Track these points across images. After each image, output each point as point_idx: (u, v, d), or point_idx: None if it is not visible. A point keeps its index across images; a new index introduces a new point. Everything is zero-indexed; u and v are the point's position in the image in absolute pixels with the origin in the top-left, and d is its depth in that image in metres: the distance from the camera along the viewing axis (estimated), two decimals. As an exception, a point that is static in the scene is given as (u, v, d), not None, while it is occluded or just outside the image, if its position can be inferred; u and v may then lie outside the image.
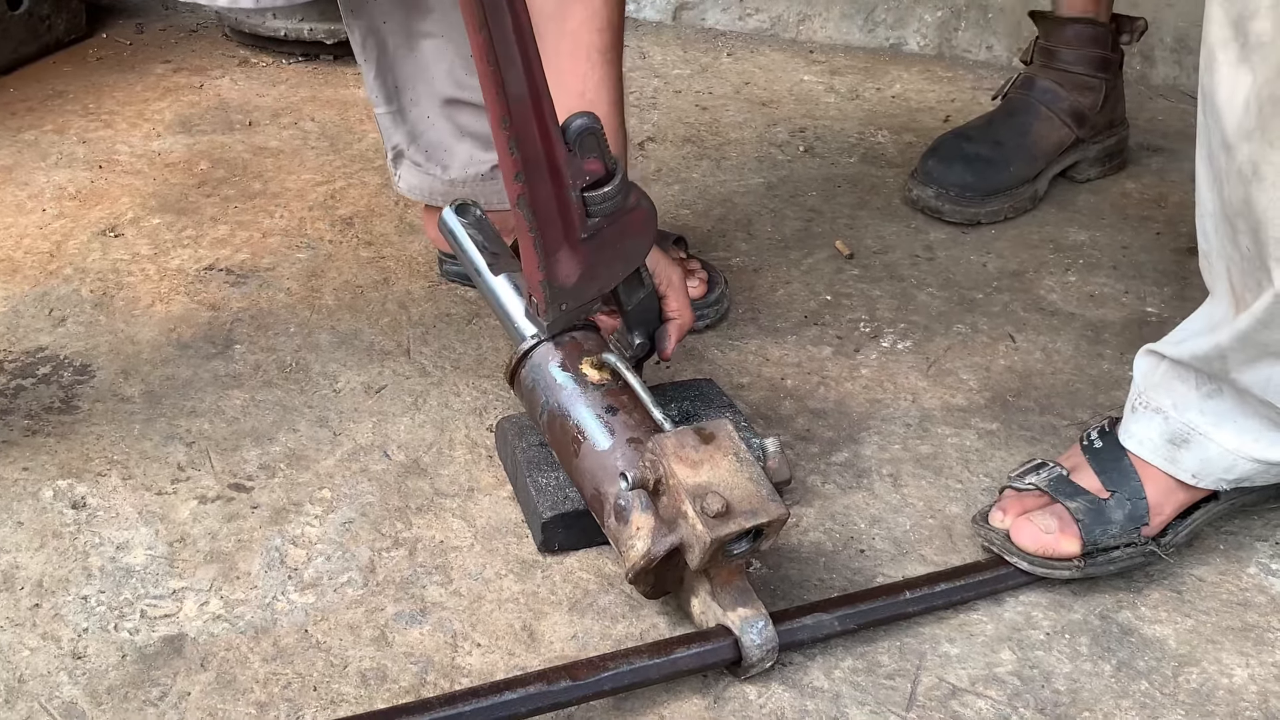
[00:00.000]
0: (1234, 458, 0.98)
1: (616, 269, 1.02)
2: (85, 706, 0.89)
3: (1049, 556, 0.99)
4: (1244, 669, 0.96)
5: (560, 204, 0.93)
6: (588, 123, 0.91)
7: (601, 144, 0.93)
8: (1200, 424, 0.98)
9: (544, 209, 0.92)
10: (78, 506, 1.07)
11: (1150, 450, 1.01)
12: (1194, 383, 0.98)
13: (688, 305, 1.12)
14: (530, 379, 1.05)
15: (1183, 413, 0.99)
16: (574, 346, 1.04)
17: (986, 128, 1.62)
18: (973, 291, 1.45)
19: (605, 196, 0.94)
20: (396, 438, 1.17)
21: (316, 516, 1.07)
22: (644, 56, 2.13)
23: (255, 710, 0.89)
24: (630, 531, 0.92)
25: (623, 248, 1.00)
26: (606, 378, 1.02)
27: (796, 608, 0.96)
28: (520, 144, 0.88)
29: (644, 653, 0.90)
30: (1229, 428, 0.97)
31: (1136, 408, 1.02)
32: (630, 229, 0.99)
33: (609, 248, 0.98)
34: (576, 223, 0.94)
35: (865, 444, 1.19)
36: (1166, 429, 1.00)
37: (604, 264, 0.99)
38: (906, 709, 0.91)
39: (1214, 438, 0.98)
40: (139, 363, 1.25)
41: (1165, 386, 1.00)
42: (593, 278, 0.98)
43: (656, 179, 1.70)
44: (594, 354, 1.03)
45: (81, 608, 0.97)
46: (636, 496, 0.92)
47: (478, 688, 0.87)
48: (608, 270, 1.00)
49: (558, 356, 1.03)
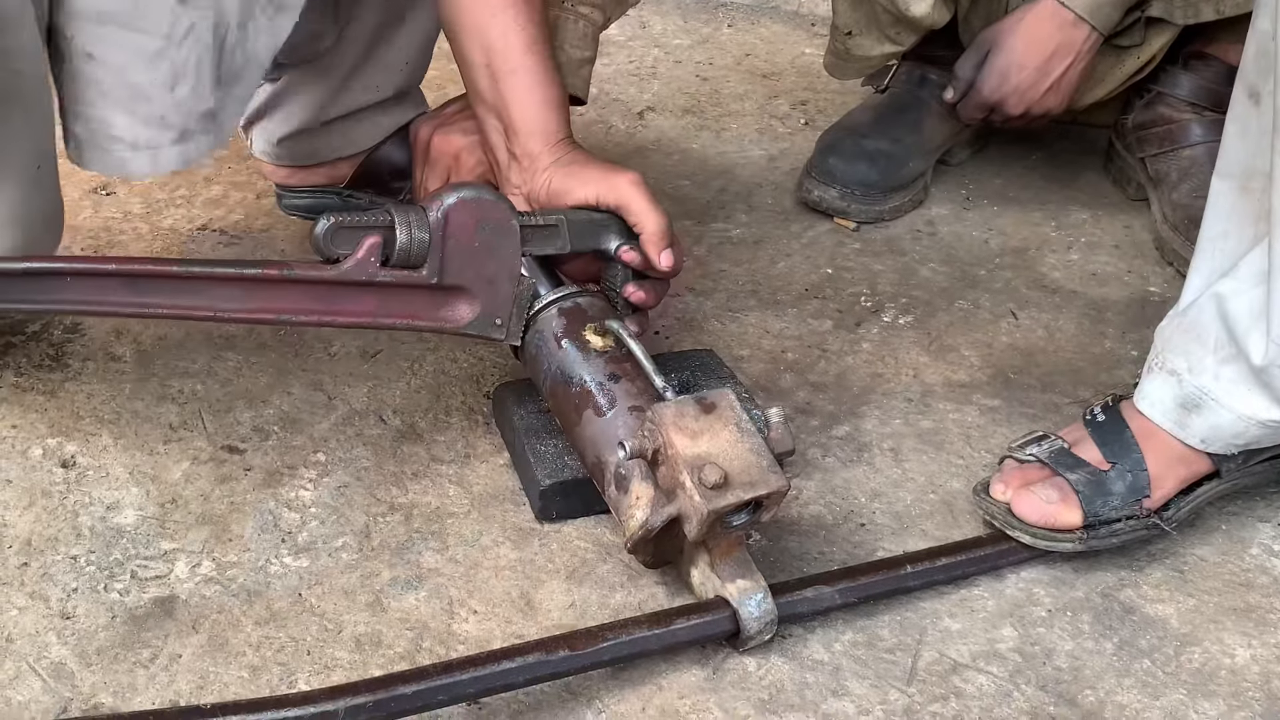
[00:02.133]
0: (1245, 423, 0.97)
1: (510, 257, 1.01)
2: (74, 667, 0.87)
3: (1050, 528, 0.98)
4: (1246, 649, 0.95)
5: (393, 299, 0.97)
6: (325, 227, 0.94)
7: (358, 225, 0.95)
8: (1214, 389, 0.97)
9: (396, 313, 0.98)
10: (67, 465, 1.05)
11: (1161, 413, 1.00)
12: (1211, 345, 0.97)
13: (652, 209, 1.06)
14: (534, 346, 1.03)
15: (1197, 376, 0.98)
16: (578, 312, 1.03)
17: (878, 124, 1.57)
18: (975, 268, 1.43)
19: (402, 253, 0.96)
20: (392, 402, 1.15)
21: (311, 480, 1.05)
22: (644, 26, 2.10)
23: (248, 674, 0.88)
24: (630, 501, 0.91)
25: (491, 243, 0.99)
26: (610, 344, 1.01)
27: (796, 580, 0.95)
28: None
29: (642, 624, 0.89)
30: (1242, 393, 0.97)
31: (1153, 368, 1.02)
32: (472, 225, 0.98)
33: (480, 254, 0.99)
34: (419, 284, 0.97)
35: (866, 418, 1.18)
36: (1180, 392, 0.99)
37: (489, 268, 0.99)
38: (907, 683, 0.91)
39: (1226, 404, 0.97)
40: (130, 322, 1.23)
41: (1182, 348, 0.99)
42: (491, 281, 1.00)
43: (656, 149, 1.68)
44: (598, 320, 1.02)
45: (71, 567, 0.95)
46: (636, 466, 0.91)
47: (475, 656, 0.85)
48: (502, 265, 1.00)
49: (561, 323, 1.02)
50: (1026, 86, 1.44)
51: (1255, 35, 0.95)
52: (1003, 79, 1.44)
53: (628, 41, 2.03)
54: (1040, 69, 1.42)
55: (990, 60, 1.44)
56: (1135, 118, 1.56)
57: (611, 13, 1.23)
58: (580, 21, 1.18)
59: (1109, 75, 1.49)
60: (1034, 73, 1.43)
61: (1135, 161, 1.57)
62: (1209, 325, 0.98)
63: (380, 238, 0.95)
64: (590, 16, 1.18)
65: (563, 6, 1.17)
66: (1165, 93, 1.53)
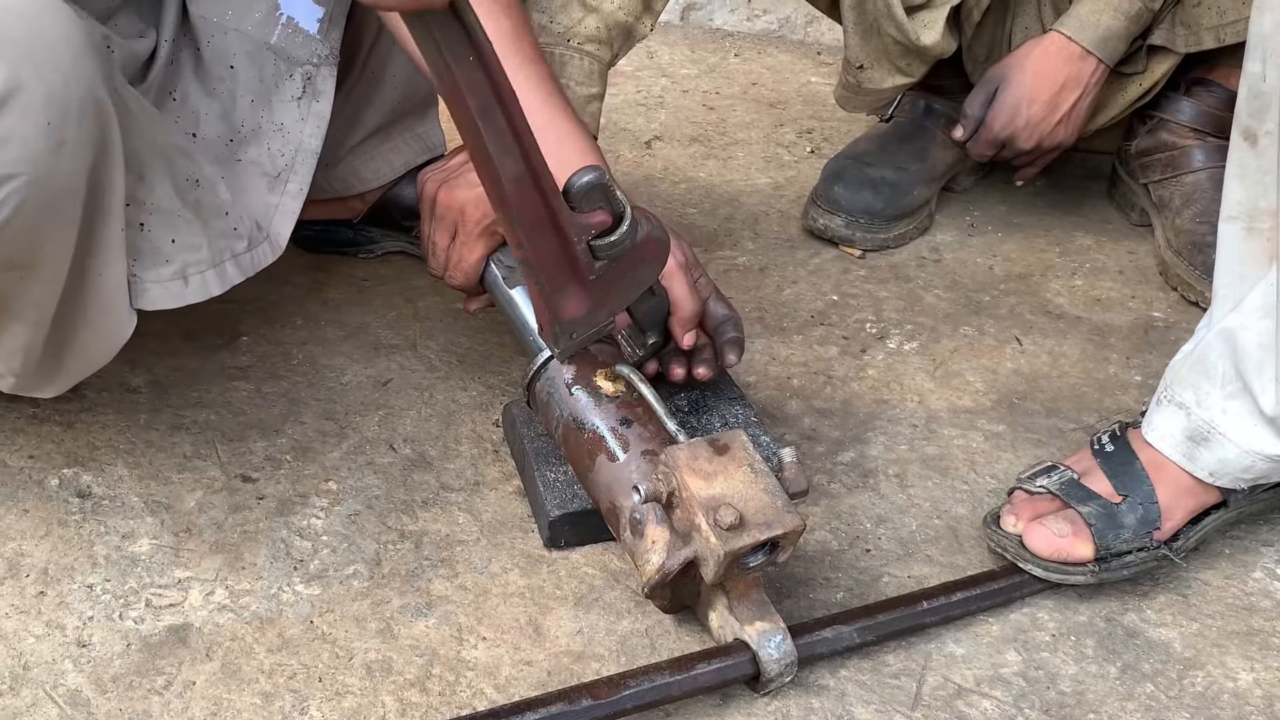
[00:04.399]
0: (1252, 457, 0.98)
1: (628, 293, 1.00)
2: (90, 694, 0.89)
3: (1063, 561, 0.99)
4: (1249, 673, 0.96)
5: (567, 256, 0.92)
6: (592, 179, 0.90)
7: (609, 195, 0.92)
8: (1221, 423, 0.98)
9: (549, 263, 0.92)
10: (83, 495, 1.06)
11: (1170, 445, 1.01)
12: (1219, 380, 0.98)
13: (689, 293, 1.07)
14: (545, 393, 1.04)
15: (1205, 410, 0.99)
16: (588, 359, 1.04)
17: (883, 152, 1.58)
18: (979, 294, 1.45)
19: (612, 244, 0.93)
20: (403, 431, 1.17)
21: (322, 508, 1.07)
22: (651, 56, 2.13)
23: (260, 700, 0.89)
24: (646, 545, 0.91)
25: (634, 275, 0.99)
26: (621, 389, 1.01)
27: (815, 620, 0.95)
28: (522, 218, 0.88)
29: (664, 669, 0.89)
30: (1249, 427, 0.97)
31: (1161, 400, 1.03)
32: (642, 258, 0.97)
33: (620, 278, 0.97)
34: (584, 269, 0.94)
35: (871, 444, 1.19)
36: (1188, 425, 1.00)
37: (615, 292, 0.98)
38: (912, 708, 0.91)
39: (1233, 438, 0.98)
40: (145, 353, 1.25)
41: (1190, 381, 1.00)
42: (601, 306, 0.98)
43: (663, 178, 1.70)
44: (608, 365, 1.03)
45: (87, 596, 0.97)
46: (651, 510, 0.91)
47: (497, 709, 0.86)
48: (618, 297, 0.99)
49: (572, 370, 1.03)
50: (1037, 120, 1.45)
51: (1247, 78, 0.95)
52: (1013, 114, 1.45)
53: (635, 71, 2.05)
54: (1050, 103, 1.44)
55: (1000, 96, 1.46)
56: (1138, 144, 1.58)
57: (620, 49, 1.25)
58: (585, 59, 1.20)
59: (1112, 102, 1.51)
60: (1044, 106, 1.44)
61: (1138, 187, 1.58)
62: (1216, 361, 0.99)
63: (609, 219, 0.92)
64: (596, 54, 1.20)
65: (568, 45, 1.19)
66: (1167, 119, 1.54)
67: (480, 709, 0.88)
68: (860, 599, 1.00)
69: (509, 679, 0.92)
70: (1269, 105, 0.92)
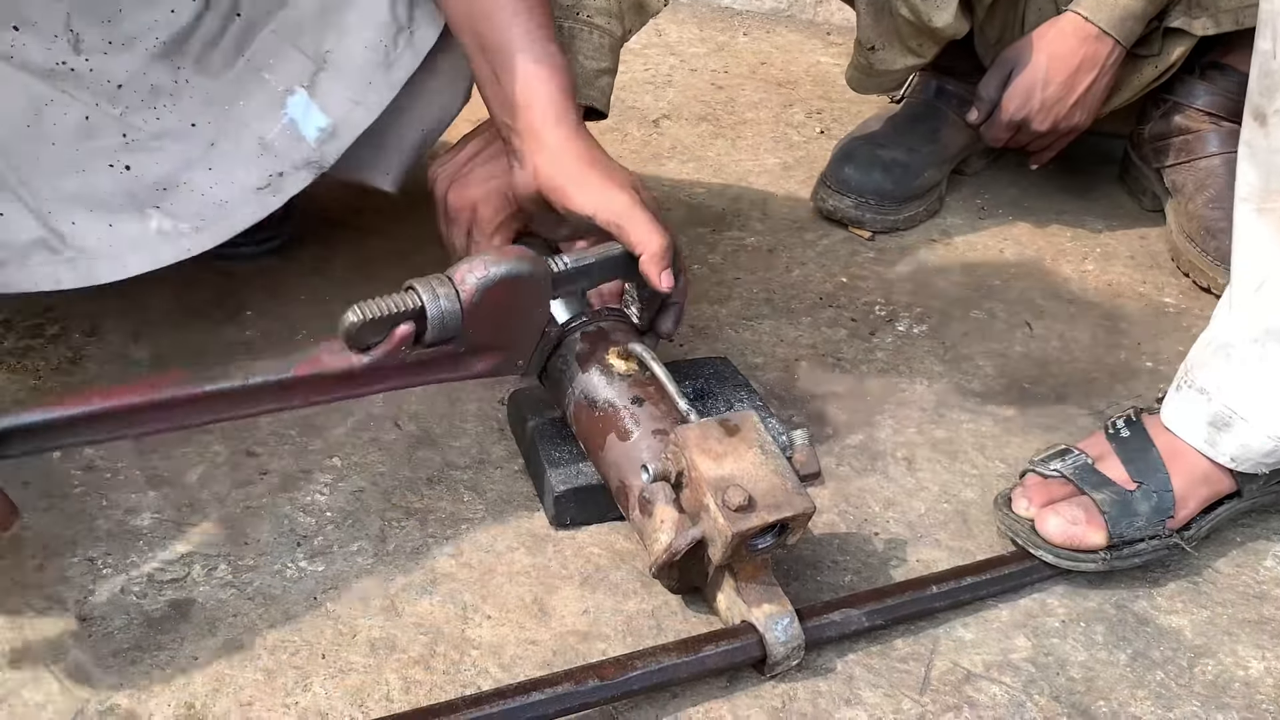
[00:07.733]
0: (1274, 442, 0.97)
1: (527, 326, 1.00)
2: (91, 669, 0.88)
3: (1075, 548, 0.98)
4: (1260, 661, 0.95)
5: (427, 369, 0.96)
6: (353, 323, 0.91)
7: (383, 317, 0.92)
8: (1242, 408, 0.97)
9: (427, 377, 0.97)
10: (85, 468, 1.06)
11: (1191, 431, 0.99)
12: (1239, 363, 0.97)
13: (652, 228, 0.99)
14: (557, 370, 1.03)
15: (1226, 395, 0.98)
16: (601, 336, 1.03)
17: (894, 133, 1.57)
18: (990, 277, 1.43)
19: (434, 335, 0.93)
20: (408, 408, 1.16)
21: (326, 485, 1.06)
22: (660, 34, 2.11)
23: (263, 677, 0.88)
24: (654, 525, 0.91)
25: (512, 315, 0.97)
26: (633, 368, 1.01)
27: (823, 603, 0.94)
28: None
29: (671, 651, 0.88)
30: (1272, 411, 0.96)
31: (1181, 385, 1.02)
32: (496, 306, 0.95)
33: (505, 325, 0.97)
34: (453, 360, 0.96)
35: (880, 427, 1.18)
36: (1209, 410, 0.99)
37: (504, 333, 0.98)
38: (920, 693, 0.91)
39: (1255, 422, 0.97)
40: (148, 326, 1.24)
41: (1211, 366, 0.99)
42: (510, 351, 1.00)
43: (671, 156, 1.69)
44: (621, 344, 1.02)
45: (88, 570, 0.96)
46: (661, 489, 0.91)
47: (504, 688, 0.85)
48: (511, 335, 0.99)
49: (584, 347, 1.02)
50: (1053, 102, 1.44)
51: (1258, 56, 0.94)
52: (1028, 96, 1.44)
53: (643, 49, 2.03)
54: (1065, 84, 1.42)
55: (1014, 78, 1.44)
56: (1152, 128, 1.56)
57: (631, 24, 1.23)
58: (595, 33, 1.18)
59: (1126, 83, 1.49)
60: (1060, 88, 1.43)
61: (1151, 172, 1.57)
62: (1237, 345, 0.98)
63: (412, 327, 0.93)
64: (606, 28, 1.19)
65: (577, 19, 1.18)
66: (1182, 103, 1.53)
67: (485, 688, 0.87)
68: (868, 582, 1.00)
69: (514, 658, 0.91)
70: (1279, 84, 0.91)
